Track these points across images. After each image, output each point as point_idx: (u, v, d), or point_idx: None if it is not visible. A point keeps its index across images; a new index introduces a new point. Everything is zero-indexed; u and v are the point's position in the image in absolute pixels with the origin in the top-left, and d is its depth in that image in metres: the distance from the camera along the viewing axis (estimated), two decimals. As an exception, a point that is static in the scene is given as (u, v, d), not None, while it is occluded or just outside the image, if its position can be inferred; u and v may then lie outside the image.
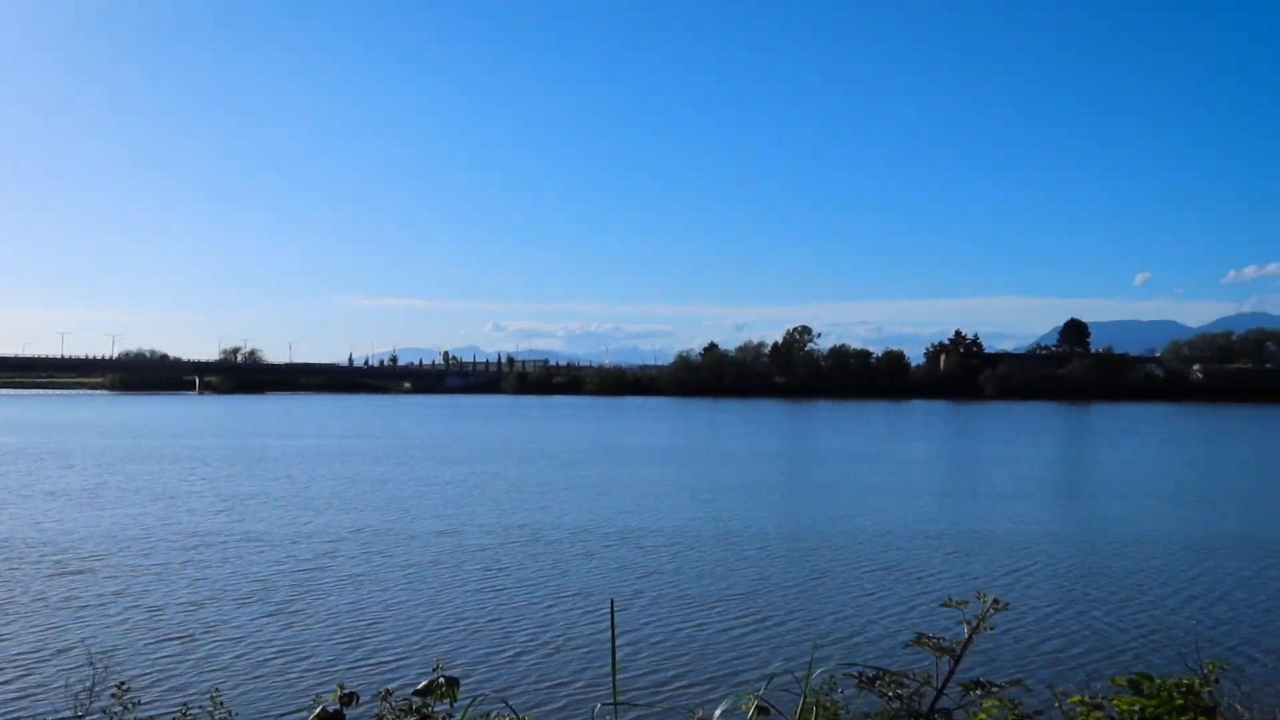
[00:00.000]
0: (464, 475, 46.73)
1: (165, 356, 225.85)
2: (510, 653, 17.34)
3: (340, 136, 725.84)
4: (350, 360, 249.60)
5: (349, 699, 4.30)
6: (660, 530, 30.87)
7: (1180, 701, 5.66)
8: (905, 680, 4.32)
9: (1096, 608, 21.32)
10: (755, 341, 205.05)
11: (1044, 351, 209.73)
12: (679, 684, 15.68)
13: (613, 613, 7.40)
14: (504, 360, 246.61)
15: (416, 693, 4.37)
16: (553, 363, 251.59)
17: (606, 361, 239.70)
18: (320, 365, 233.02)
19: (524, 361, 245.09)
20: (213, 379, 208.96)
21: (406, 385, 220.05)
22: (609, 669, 15.89)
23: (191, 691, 14.62)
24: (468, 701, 4.41)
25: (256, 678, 15.84)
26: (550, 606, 20.80)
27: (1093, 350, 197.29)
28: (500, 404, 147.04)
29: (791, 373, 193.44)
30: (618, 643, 17.62)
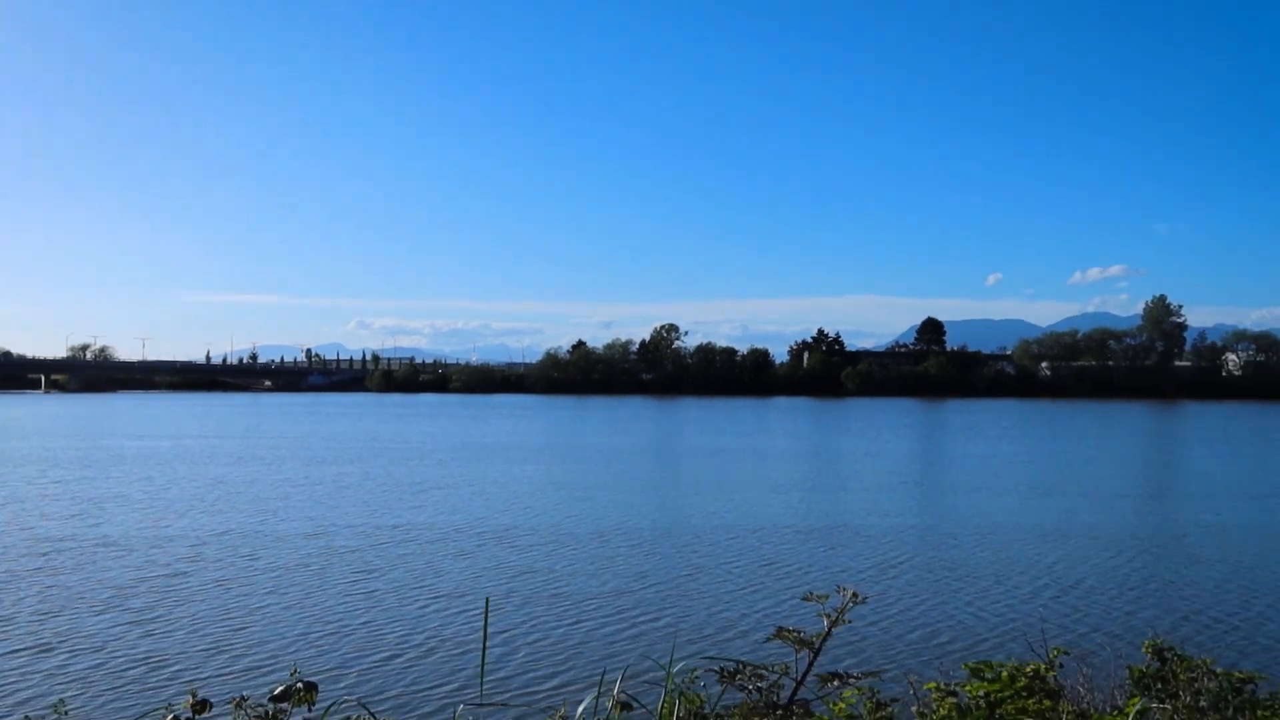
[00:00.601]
0: (332, 475, 45.90)
1: (9, 354, 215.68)
2: (380, 656, 17.19)
3: (195, 129, 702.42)
4: (208, 358, 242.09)
5: (201, 706, 4.21)
6: (534, 529, 30.89)
7: (1024, 684, 6.08)
8: (765, 673, 4.49)
9: (956, 598, 22.16)
10: (623, 339, 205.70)
11: (902, 349, 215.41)
12: (551, 683, 15.77)
13: (486, 613, 7.52)
14: (369, 358, 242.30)
15: (273, 698, 4.25)
16: (419, 360, 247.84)
17: (474, 359, 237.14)
18: (176, 363, 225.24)
19: (389, 359, 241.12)
20: (60, 377, 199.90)
21: (267, 384, 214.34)
22: (480, 670, 15.99)
23: (41, 705, 14.18)
24: (326, 706, 4.40)
25: (111, 688, 15.31)
26: (423, 608, 20.67)
27: (948, 348, 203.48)
28: (365, 402, 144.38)
29: (659, 370, 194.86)
30: (491, 643, 17.64)
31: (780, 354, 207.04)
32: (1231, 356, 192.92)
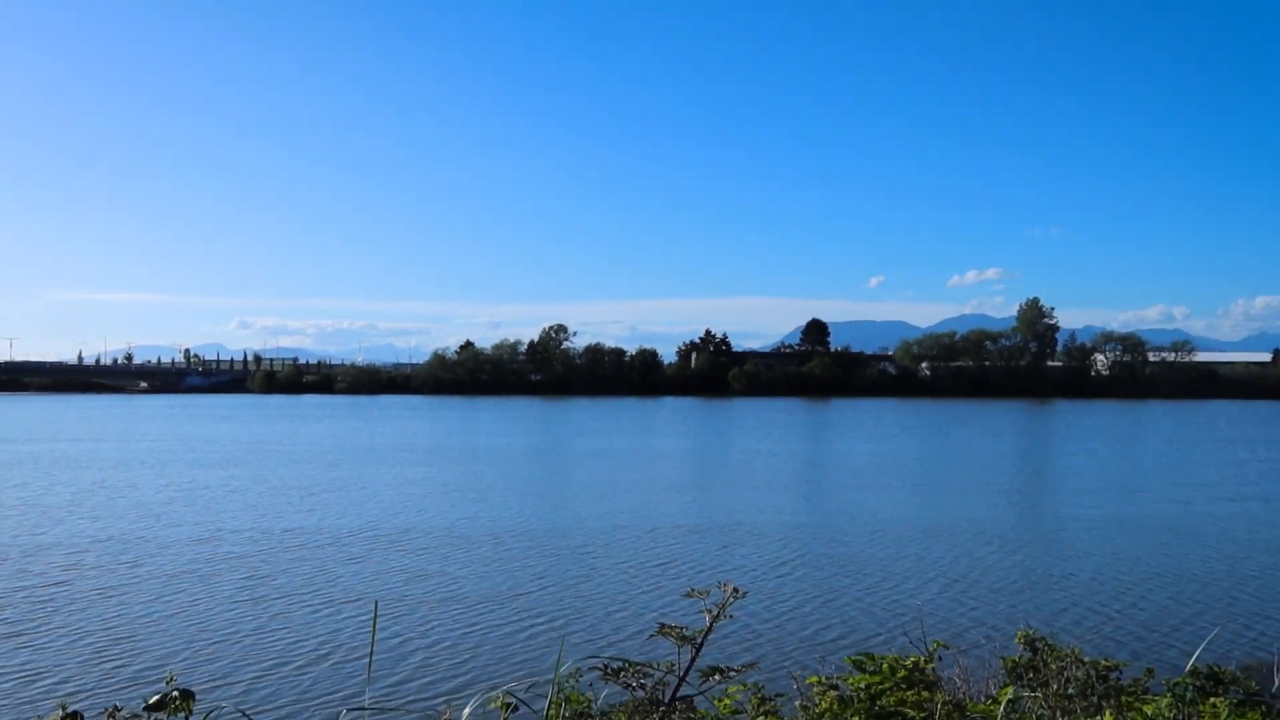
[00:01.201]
0: (219, 479, 44.79)
1: None
2: (268, 663, 16.92)
3: (58, 118, 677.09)
4: (80, 358, 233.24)
5: (72, 718, 4.06)
6: (428, 531, 30.66)
7: (904, 676, 6.29)
8: (650, 670, 4.58)
9: (844, 593, 22.70)
10: (511, 340, 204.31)
11: (788, 350, 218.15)
12: (443, 686, 15.72)
13: (375, 617, 7.48)
14: (250, 359, 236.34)
15: (148, 707, 4.10)
16: (302, 361, 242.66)
17: (360, 360, 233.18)
18: (46, 364, 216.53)
19: (271, 360, 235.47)
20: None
21: (143, 385, 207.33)
22: (367, 675, 15.83)
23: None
24: (204, 714, 4.32)
25: (-17, 704, 14.89)
26: (314, 614, 20.38)
27: (832, 349, 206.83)
28: (247, 404, 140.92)
29: (548, 371, 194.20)
30: (383, 648, 17.52)
31: (668, 354, 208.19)
32: (1100, 357, 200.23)
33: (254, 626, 19.34)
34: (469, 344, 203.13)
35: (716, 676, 4.52)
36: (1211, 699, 5.77)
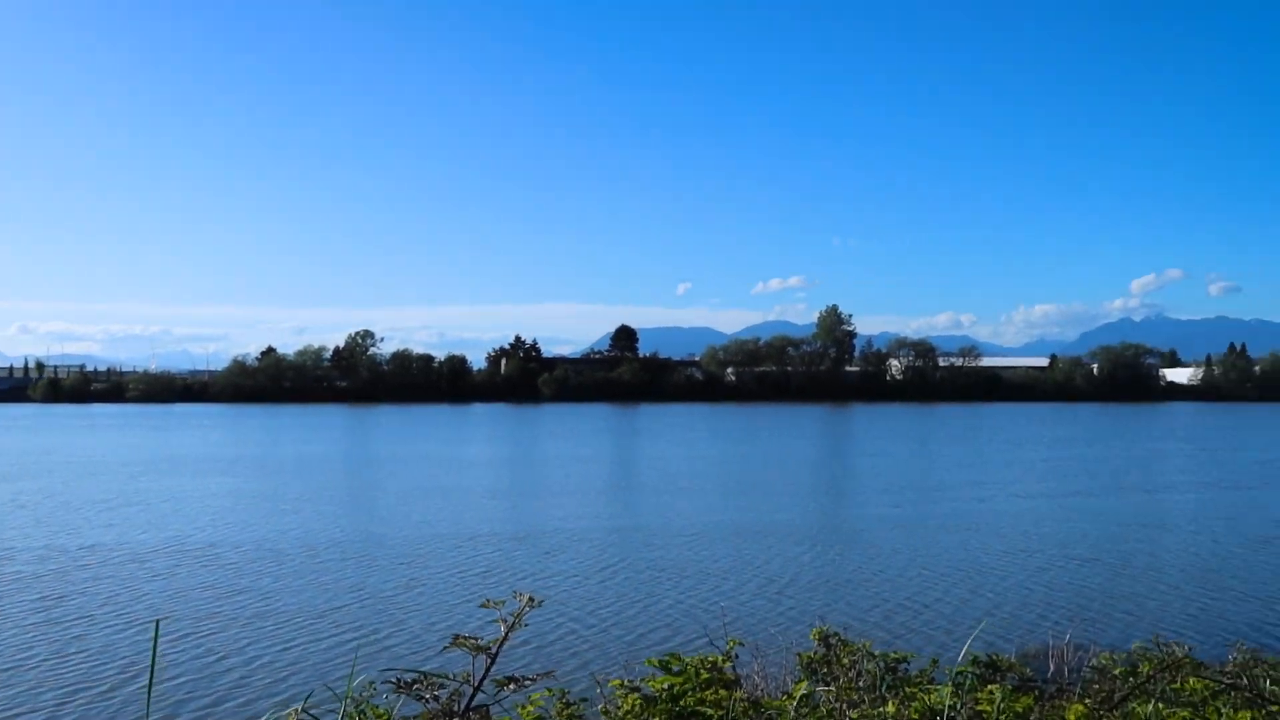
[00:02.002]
0: (3, 494, 41.93)
1: None
2: (62, 690, 15.94)
3: None
4: None
5: None
6: (237, 545, 29.55)
7: (706, 677, 6.37)
8: (446, 681, 4.50)
9: (654, 595, 23.04)
10: (316, 346, 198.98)
11: (597, 356, 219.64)
12: (242, 705, 15.19)
13: (156, 637, 7.16)
14: (32, 366, 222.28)
15: None
16: (90, 368, 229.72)
17: (153, 366, 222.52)
18: None
19: (56, 367, 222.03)
20: None
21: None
22: (166, 700, 15.09)
23: None
24: None
25: None
26: (116, 635, 19.36)
27: (641, 355, 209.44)
28: (29, 414, 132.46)
29: (354, 377, 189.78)
30: (187, 668, 16.82)
31: (478, 361, 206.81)
32: (894, 362, 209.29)
33: (50, 651, 18.16)
34: (271, 350, 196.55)
35: (512, 686, 4.46)
36: (990, 686, 6.06)
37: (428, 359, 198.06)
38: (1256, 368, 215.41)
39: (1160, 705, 5.71)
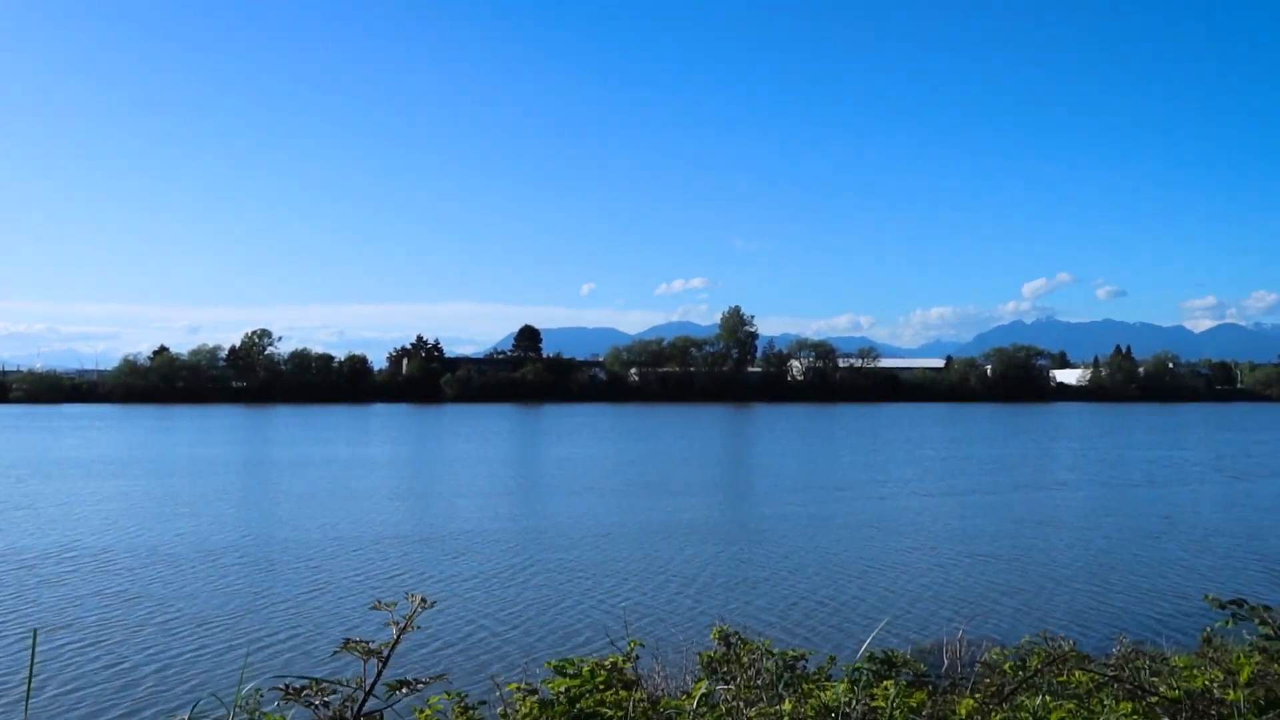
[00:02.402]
0: None
1: None
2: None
3: None
4: None
5: None
6: (133, 550, 28.72)
7: (605, 678, 6.36)
8: (337, 686, 4.41)
9: (557, 596, 22.99)
10: (211, 345, 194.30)
11: (501, 356, 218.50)
12: (119, 717, 14.74)
13: (34, 646, 6.90)
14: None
15: None
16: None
17: (38, 366, 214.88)
18: None
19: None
20: None
21: None
22: (44, 713, 14.56)
23: None
24: None
25: None
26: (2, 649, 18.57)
27: (545, 355, 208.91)
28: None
29: (250, 377, 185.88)
30: (66, 681, 16.29)
31: (379, 361, 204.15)
32: (795, 363, 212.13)
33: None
34: (164, 349, 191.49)
35: (404, 690, 4.40)
36: (884, 682, 6.15)
37: (327, 359, 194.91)
38: (1141, 369, 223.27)
39: (1047, 698, 5.86)
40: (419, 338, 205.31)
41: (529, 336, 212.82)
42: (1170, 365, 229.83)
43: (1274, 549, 30.32)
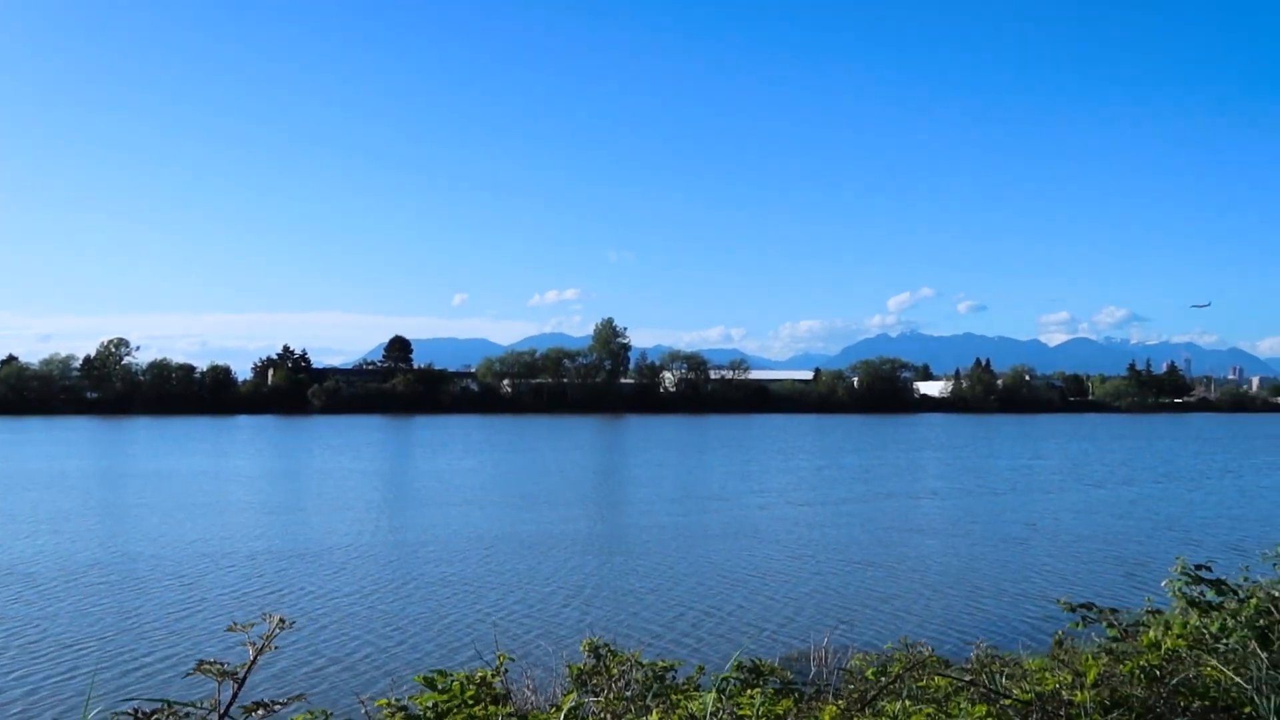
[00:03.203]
0: None
1: None
2: None
3: None
4: None
5: None
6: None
7: (473, 692, 6.32)
8: (190, 709, 4.31)
9: (427, 611, 22.68)
10: (63, 354, 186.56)
11: (371, 367, 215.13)
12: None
13: None
14: None
15: None
16: None
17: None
18: None
19: None
20: None
21: None
22: None
23: None
24: None
25: None
26: None
27: (416, 366, 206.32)
28: None
29: (106, 388, 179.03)
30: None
31: (244, 371, 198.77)
32: (668, 375, 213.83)
33: None
34: (12, 359, 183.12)
35: (260, 711, 4.31)
36: (751, 690, 6.25)
37: (188, 369, 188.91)
38: (999, 381, 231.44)
39: (907, 703, 6.03)
40: (285, 348, 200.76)
41: (399, 347, 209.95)
42: (1027, 378, 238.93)
43: (1131, 553, 31.71)
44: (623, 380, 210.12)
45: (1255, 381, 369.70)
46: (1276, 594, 9.66)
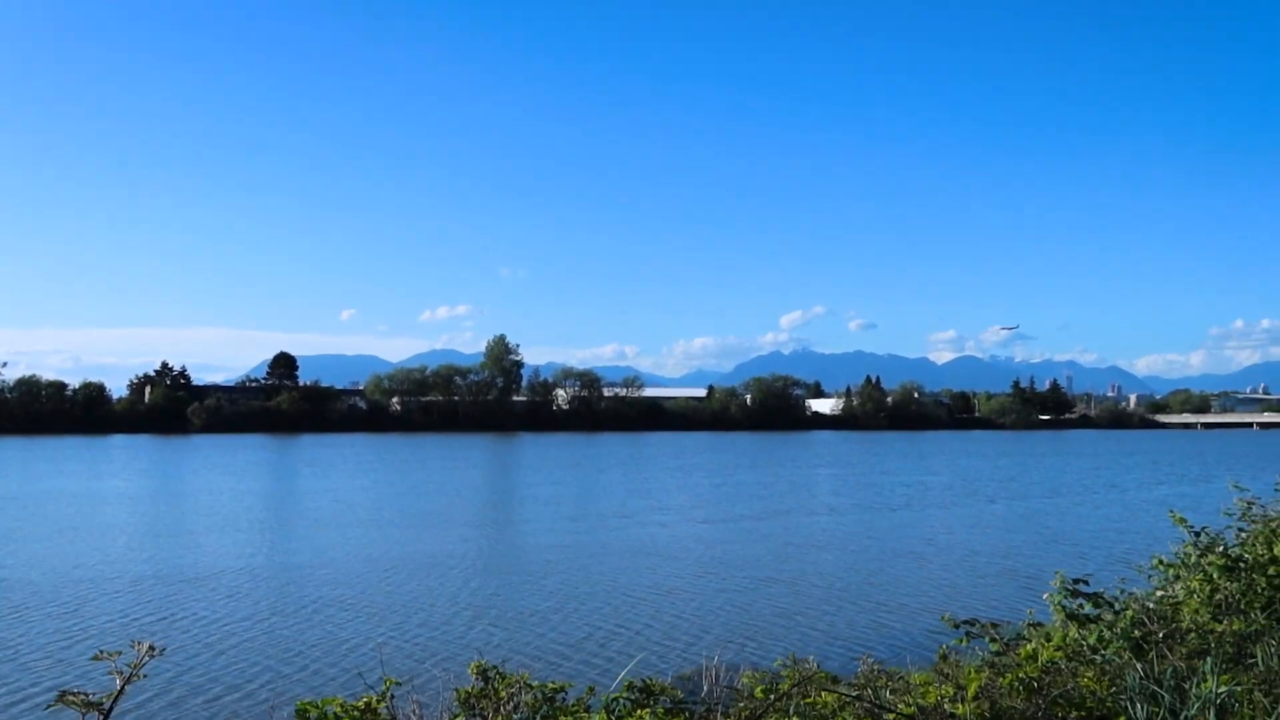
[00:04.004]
0: None
1: None
2: None
3: None
4: None
5: None
6: None
7: (358, 719, 6.23)
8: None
9: (312, 636, 22.22)
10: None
11: (254, 384, 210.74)
12: None
13: None
14: None
15: None
16: None
17: None
18: None
19: None
20: None
21: None
22: None
23: None
24: None
25: None
26: None
27: (301, 383, 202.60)
28: None
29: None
30: None
31: (120, 389, 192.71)
32: (561, 392, 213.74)
33: None
34: None
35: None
36: (641, 710, 6.28)
37: (59, 386, 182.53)
38: (889, 398, 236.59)
39: (795, 719, 6.12)
40: (164, 364, 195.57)
41: (284, 364, 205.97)
42: (916, 395, 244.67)
43: (1025, 566, 32.53)
44: (515, 398, 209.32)
45: (1133, 399, 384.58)
46: (1151, 606, 10.04)
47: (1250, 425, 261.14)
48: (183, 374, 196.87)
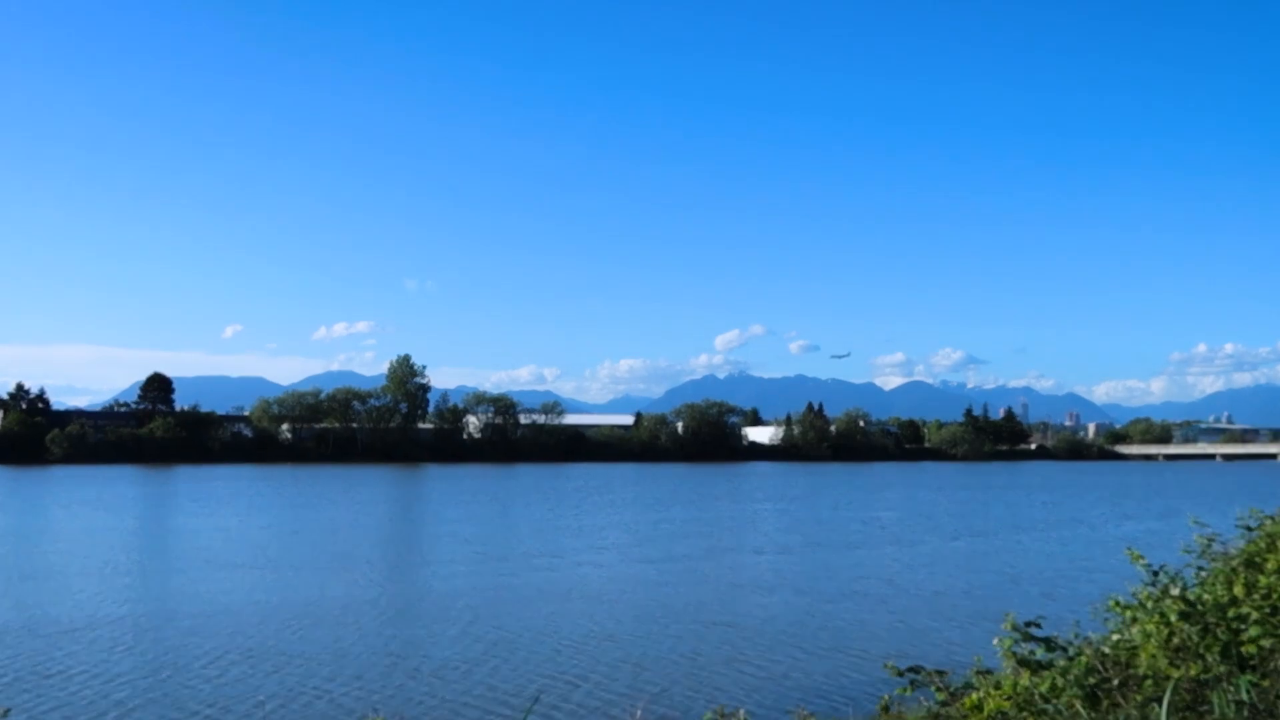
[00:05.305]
0: None
1: None
2: None
3: None
4: None
5: None
6: None
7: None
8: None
9: (183, 692, 22.35)
10: None
11: (123, 409, 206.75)
12: None
13: None
14: None
15: None
16: None
17: None
18: None
19: None
20: None
21: None
22: None
23: None
24: None
25: None
26: None
27: (177, 408, 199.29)
28: None
29: None
30: None
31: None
32: (472, 419, 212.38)
33: None
34: None
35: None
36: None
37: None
38: (832, 427, 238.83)
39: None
40: (19, 386, 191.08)
41: (158, 386, 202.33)
42: (861, 424, 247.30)
43: (990, 609, 33.41)
44: (421, 425, 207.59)
45: (1092, 428, 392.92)
46: (1106, 651, 10.64)
47: (1213, 457, 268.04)
48: (40, 397, 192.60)
